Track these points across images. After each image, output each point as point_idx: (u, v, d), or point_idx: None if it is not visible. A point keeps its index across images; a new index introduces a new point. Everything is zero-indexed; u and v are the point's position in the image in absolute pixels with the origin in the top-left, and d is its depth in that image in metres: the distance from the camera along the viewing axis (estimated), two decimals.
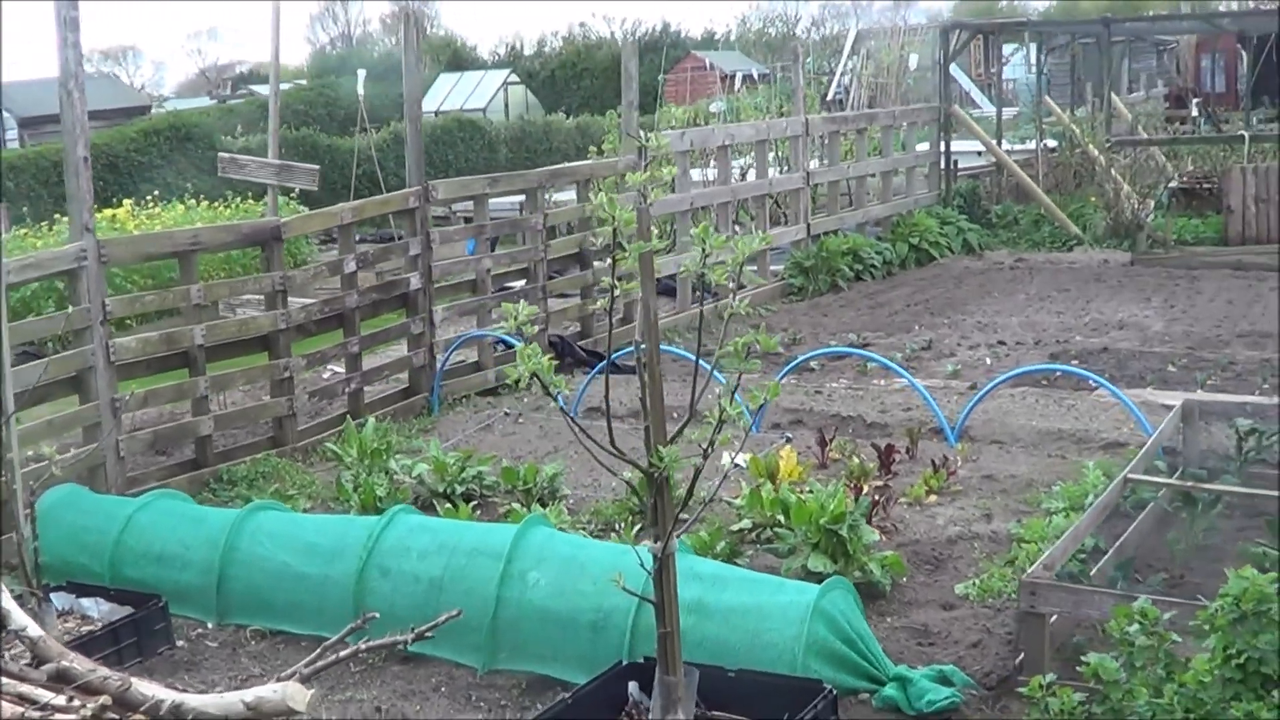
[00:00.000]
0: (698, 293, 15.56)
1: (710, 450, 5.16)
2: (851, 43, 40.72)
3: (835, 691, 5.60)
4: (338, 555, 7.18)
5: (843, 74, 39.29)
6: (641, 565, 5.35)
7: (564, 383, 5.12)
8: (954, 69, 39.12)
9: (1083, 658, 5.13)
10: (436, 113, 36.95)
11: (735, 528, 8.10)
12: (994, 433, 10.18)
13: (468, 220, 13.19)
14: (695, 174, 17.22)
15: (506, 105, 37.91)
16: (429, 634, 5.13)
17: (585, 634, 6.43)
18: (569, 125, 32.48)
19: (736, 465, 9.66)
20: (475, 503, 8.74)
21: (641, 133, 5.37)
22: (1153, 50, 37.43)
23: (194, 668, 6.88)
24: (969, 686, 6.09)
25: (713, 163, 17.13)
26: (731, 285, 5.26)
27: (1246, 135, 20.51)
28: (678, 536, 5.32)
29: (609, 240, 4.85)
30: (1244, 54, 38.15)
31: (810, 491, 7.83)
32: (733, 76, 36.23)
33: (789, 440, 10.19)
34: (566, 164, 14.82)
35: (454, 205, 18.26)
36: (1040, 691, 5.19)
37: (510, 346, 12.57)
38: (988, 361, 12.72)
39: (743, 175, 18.18)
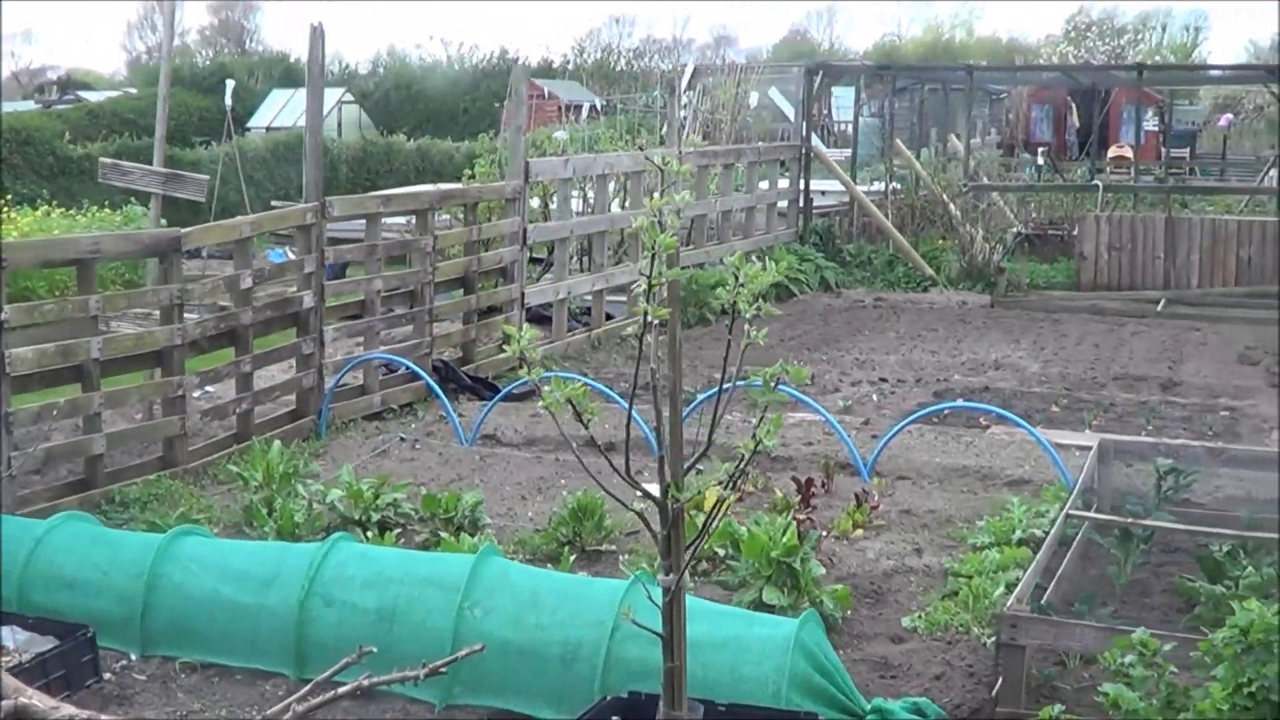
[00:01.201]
0: (584, 318, 15.46)
1: (735, 485, 5.01)
2: (688, 78, 41.00)
3: None
4: (275, 584, 6.86)
5: (684, 105, 39.48)
6: (649, 599, 5.22)
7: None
8: (789, 109, 39.72)
9: (1100, 688, 5.11)
10: (268, 129, 36.28)
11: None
12: (900, 468, 10.22)
13: (334, 241, 12.88)
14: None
15: (340, 125, 37.38)
16: (443, 669, 4.89)
17: (553, 667, 6.24)
18: (410, 147, 32.12)
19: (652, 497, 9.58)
20: (399, 531, 8.46)
21: (659, 158, 5.23)
22: (986, 99, 38.32)
23: (125, 702, 6.50)
24: (942, 719, 6.05)
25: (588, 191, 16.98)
26: (748, 315, 5.13)
27: (1100, 185, 21.08)
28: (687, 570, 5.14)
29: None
30: (1073, 106, 39.45)
31: (758, 525, 7.72)
32: (578, 106, 36.17)
33: (699, 473, 10.09)
34: (456, 186, 14.61)
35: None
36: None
37: (393, 370, 12.32)
38: (874, 398, 12.80)
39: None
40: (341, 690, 4.94)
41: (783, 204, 20.99)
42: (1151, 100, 41.08)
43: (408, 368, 11.74)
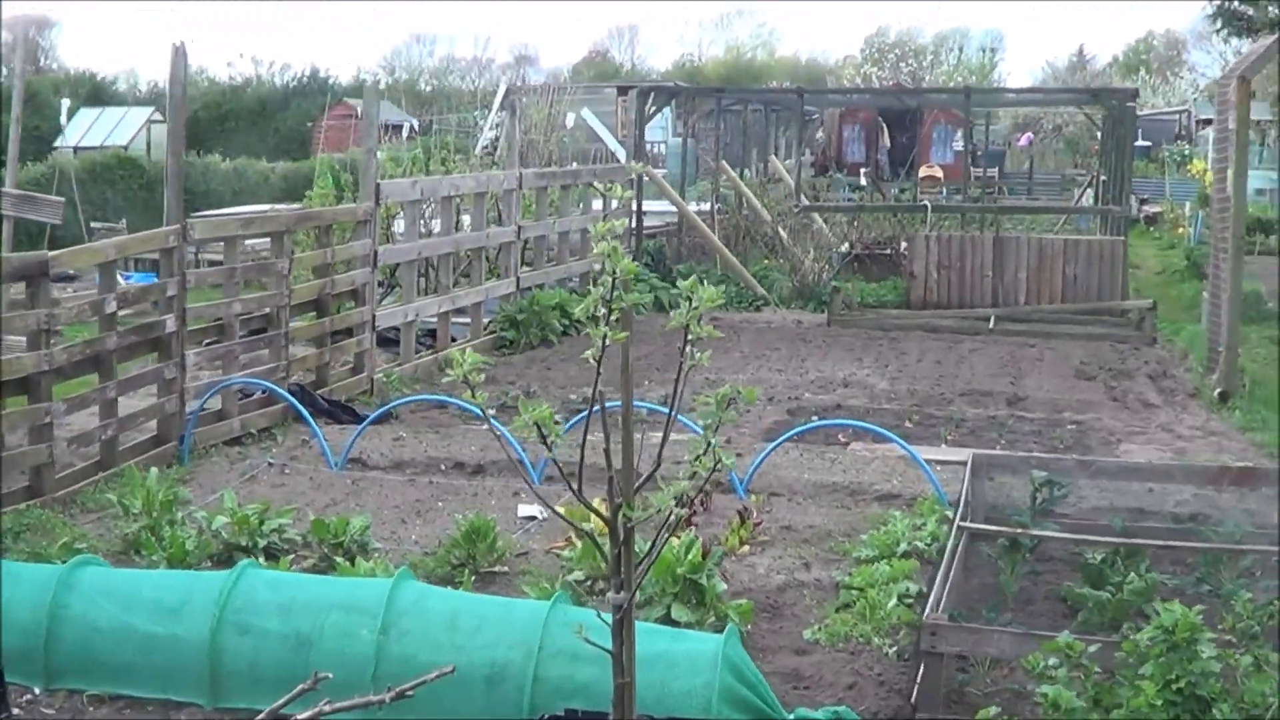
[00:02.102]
0: (426, 340, 15.41)
1: (692, 503, 5.10)
2: (501, 98, 41.11)
3: None
4: (185, 612, 6.75)
5: (492, 128, 39.61)
6: (599, 617, 5.28)
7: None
8: (600, 129, 40.06)
9: (1040, 690, 5.32)
10: (76, 149, 35.35)
11: (569, 579, 8.03)
12: (772, 485, 10.42)
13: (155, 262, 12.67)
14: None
15: (149, 144, 36.59)
16: (410, 693, 4.88)
17: (479, 689, 6.26)
18: (226, 167, 31.62)
19: (533, 518, 9.66)
20: (292, 557, 8.39)
21: (605, 185, 5.32)
22: (798, 119, 39.07)
23: None
24: None
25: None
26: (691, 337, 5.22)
27: (928, 205, 21.67)
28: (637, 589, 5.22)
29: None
30: (884, 126, 40.47)
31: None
32: (394, 126, 35.96)
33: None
34: (312, 209, 14.44)
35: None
36: None
37: (248, 394, 12.18)
38: (733, 415, 12.96)
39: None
40: (302, 717, 4.90)
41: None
42: (961, 121, 42.35)
43: (275, 393, 11.62)
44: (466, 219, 16.77)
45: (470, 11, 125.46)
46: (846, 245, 22.45)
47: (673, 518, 5.18)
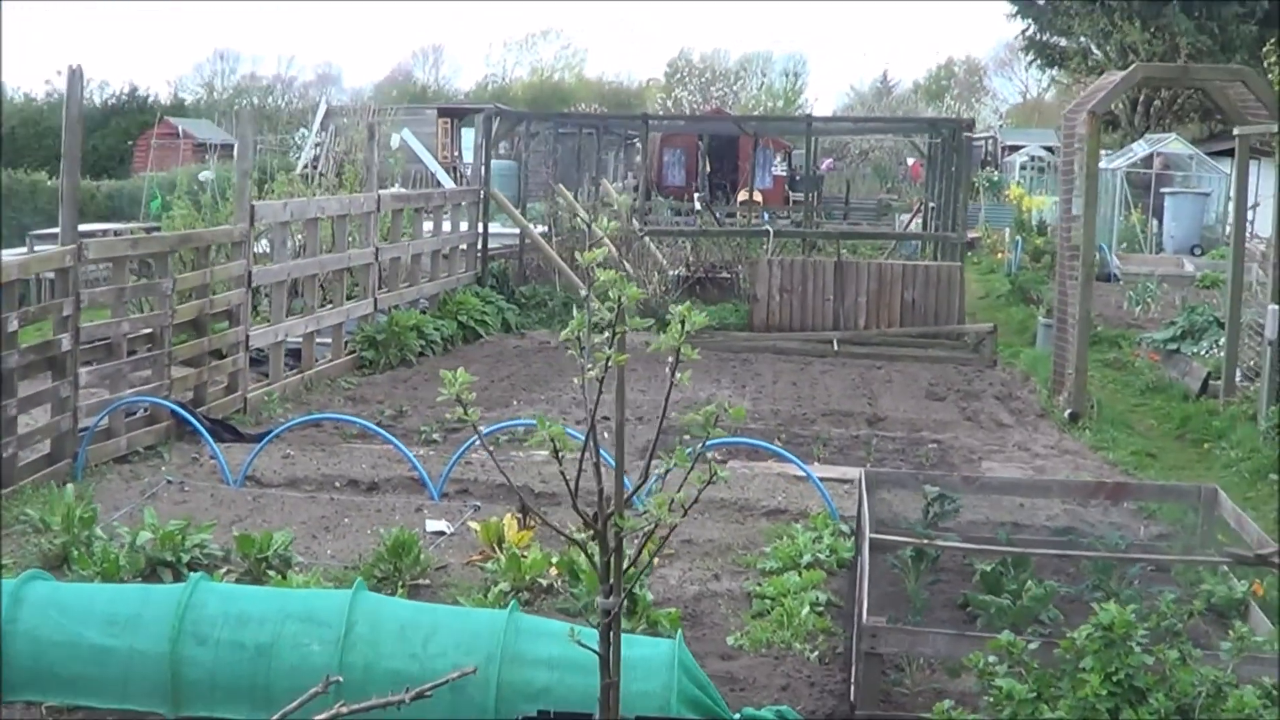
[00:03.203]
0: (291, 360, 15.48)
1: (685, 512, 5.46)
2: (321, 118, 41.09)
3: None
4: (141, 625, 6.87)
5: (313, 147, 39.57)
6: (589, 623, 5.60)
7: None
8: (420, 150, 40.19)
9: (994, 682, 5.78)
10: None
11: (495, 591, 8.31)
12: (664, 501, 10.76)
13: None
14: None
15: None
16: (429, 693, 5.15)
17: (444, 694, 6.47)
18: (51, 186, 31.05)
19: (441, 533, 9.91)
20: (224, 571, 8.53)
21: (594, 208, 5.65)
22: (621, 143, 39.64)
23: None
24: None
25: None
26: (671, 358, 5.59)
27: (770, 229, 22.29)
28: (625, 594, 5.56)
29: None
30: (703, 151, 41.21)
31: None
32: (218, 145, 35.66)
33: (478, 509, 10.49)
34: (192, 230, 14.41)
35: None
36: (943, 715, 5.81)
37: (131, 413, 12.19)
38: (606, 436, 13.30)
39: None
40: (320, 719, 5.14)
41: (465, 246, 21.40)
42: (780, 147, 43.38)
43: (177, 413, 11.69)
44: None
45: (275, 28, 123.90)
46: (683, 268, 23.01)
47: (663, 527, 5.50)
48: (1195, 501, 9.32)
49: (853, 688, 6.86)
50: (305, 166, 36.01)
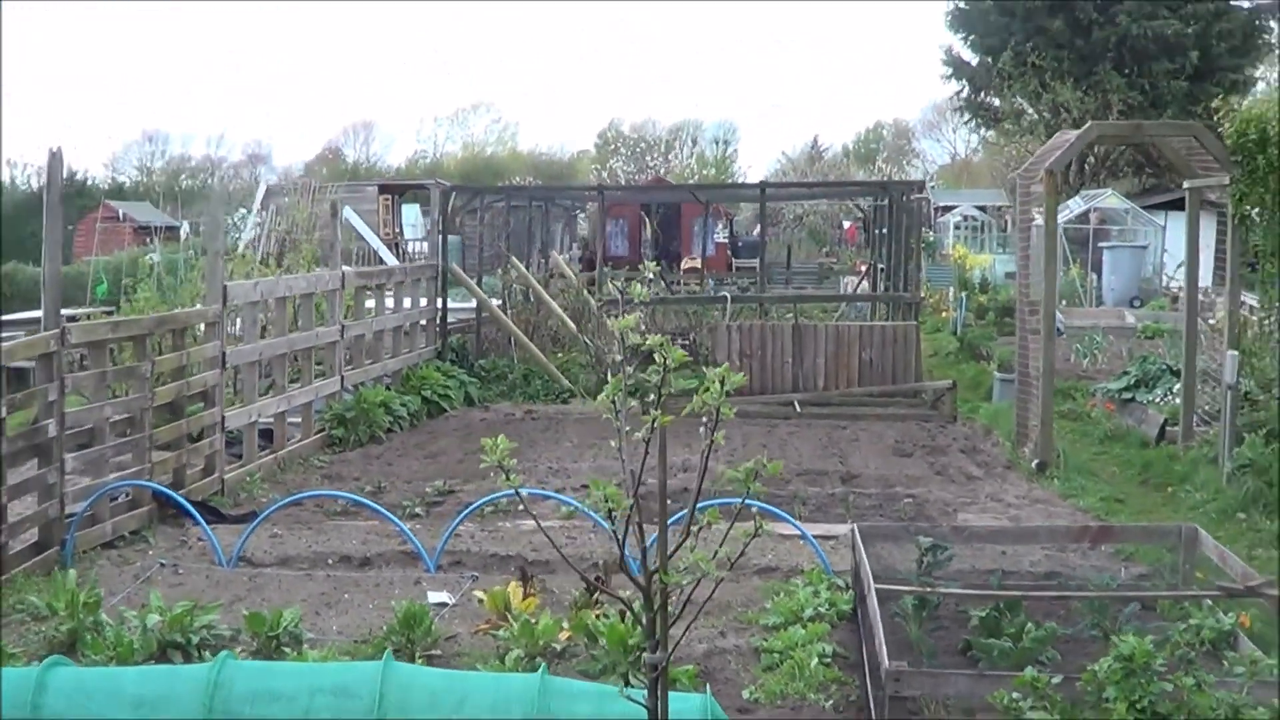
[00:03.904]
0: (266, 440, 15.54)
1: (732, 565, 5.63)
2: (261, 197, 41.22)
3: None
4: (171, 706, 6.94)
5: (254, 227, 39.68)
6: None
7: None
8: (362, 227, 40.37)
9: (1025, 716, 6.00)
10: None
11: (511, 657, 8.44)
12: (656, 562, 10.92)
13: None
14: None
15: None
16: None
17: None
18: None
19: (444, 604, 10.01)
20: (239, 649, 8.61)
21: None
22: (564, 214, 39.98)
23: None
24: None
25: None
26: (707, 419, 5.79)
27: (728, 295, 22.58)
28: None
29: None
30: (647, 220, 41.63)
31: (606, 618, 8.32)
32: (162, 227, 35.71)
33: (476, 579, 10.61)
34: (169, 312, 14.48)
35: None
36: None
37: (114, 498, 12.24)
38: (582, 506, 13.49)
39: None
40: None
41: (424, 321, 21.56)
42: (722, 215, 43.85)
43: (170, 497, 11.77)
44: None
45: (202, 108, 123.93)
46: (638, 337, 23.21)
47: (709, 580, 5.68)
48: (1176, 541, 9.62)
49: None
50: (247, 246, 36.07)
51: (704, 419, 5.55)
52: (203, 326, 14.00)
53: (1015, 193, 16.27)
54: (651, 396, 5.60)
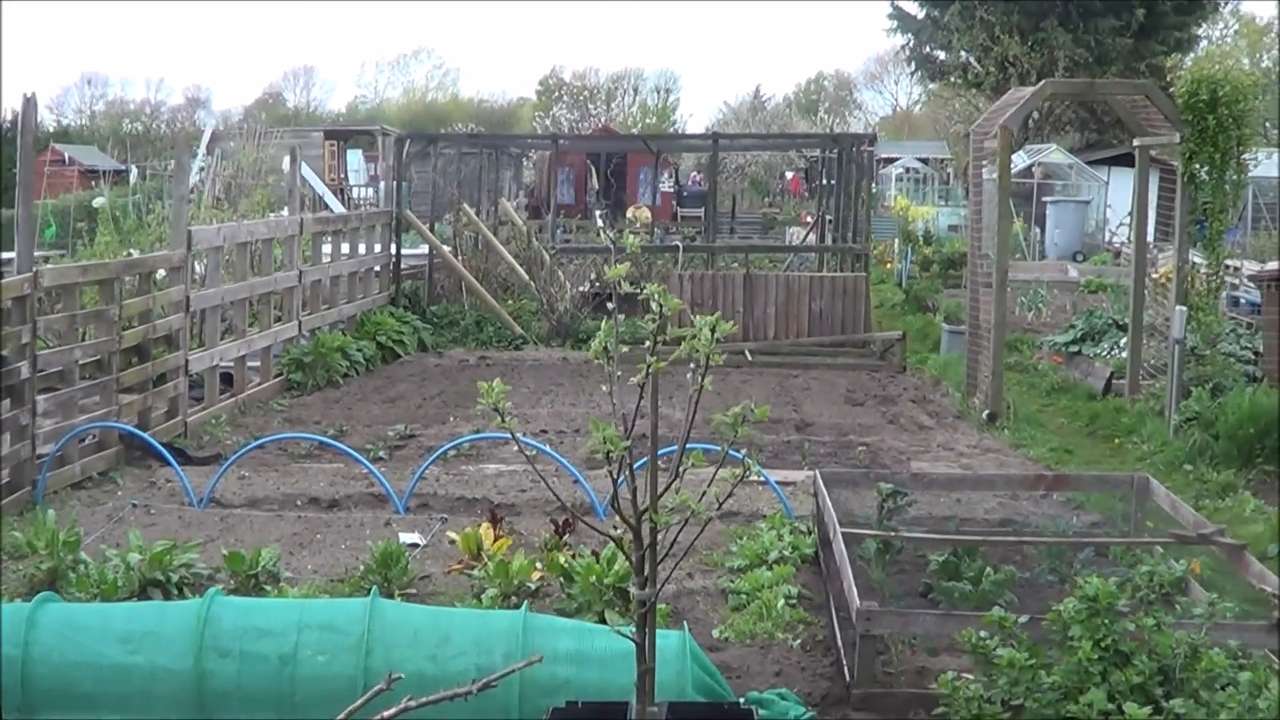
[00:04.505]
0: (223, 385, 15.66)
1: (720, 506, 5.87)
2: (207, 142, 40.99)
3: (757, 711, 6.43)
4: (161, 641, 7.10)
5: (198, 171, 39.47)
6: (631, 603, 5.98)
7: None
8: (308, 173, 40.26)
9: (995, 653, 6.29)
10: None
11: (487, 596, 8.66)
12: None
13: None
14: None
15: None
16: (495, 684, 5.50)
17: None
18: None
19: (415, 545, 10.22)
20: (220, 588, 8.76)
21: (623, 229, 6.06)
22: (510, 163, 39.97)
23: None
24: (800, 704, 7.10)
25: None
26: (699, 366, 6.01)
27: (680, 245, 22.78)
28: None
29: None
30: (593, 169, 41.71)
31: (580, 558, 8.56)
32: (110, 171, 35.46)
33: (445, 520, 10.82)
34: (138, 255, 14.53)
35: None
36: (948, 686, 6.32)
37: (82, 440, 12.35)
38: (547, 448, 13.72)
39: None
40: (388, 714, 5.47)
41: (378, 267, 21.66)
42: (667, 164, 43.99)
43: (143, 439, 11.90)
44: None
45: (142, 50, 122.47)
46: (587, 286, 23.47)
47: (702, 520, 5.92)
48: (1129, 490, 9.93)
49: (846, 669, 7.32)
50: (192, 190, 35.90)
51: (691, 368, 5.73)
52: (166, 270, 14.06)
53: (969, 147, 16.55)
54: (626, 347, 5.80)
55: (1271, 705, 5.62)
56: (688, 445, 6.55)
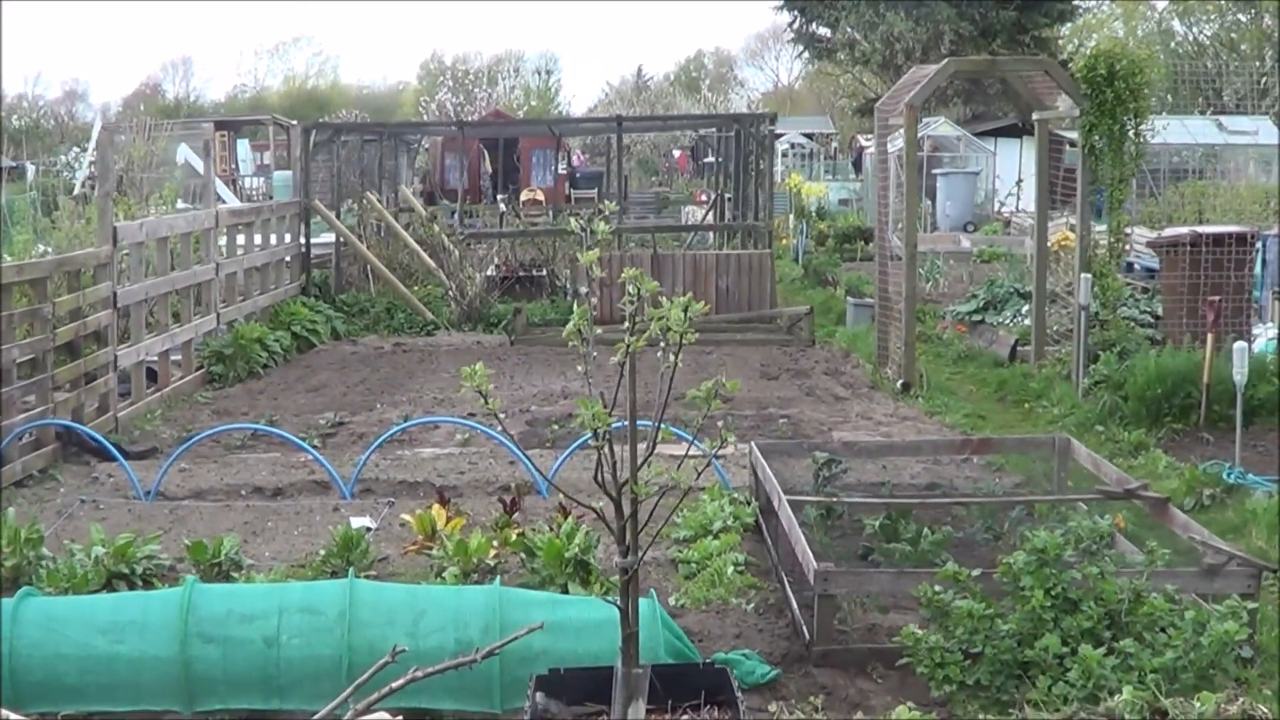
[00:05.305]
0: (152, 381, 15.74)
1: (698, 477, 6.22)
2: (96, 135, 40.61)
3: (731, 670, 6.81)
4: (147, 630, 7.29)
5: (89, 165, 39.19)
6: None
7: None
8: (200, 166, 40.08)
9: (954, 604, 6.72)
10: None
11: (449, 574, 8.95)
12: (561, 484, 11.50)
13: None
14: None
15: None
16: (498, 650, 5.81)
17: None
18: None
19: (368, 528, 10.48)
20: (193, 576, 8.97)
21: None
22: (405, 149, 40.01)
23: None
24: (764, 664, 7.50)
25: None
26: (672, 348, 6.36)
27: (583, 228, 23.03)
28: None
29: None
30: (485, 153, 41.83)
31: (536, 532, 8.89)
32: (13, 168, 35.03)
33: (392, 504, 11.09)
34: (66, 254, 14.57)
35: None
36: (911, 638, 6.74)
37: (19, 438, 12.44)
38: (476, 430, 14.01)
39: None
40: (396, 684, 5.76)
41: (289, 257, 21.76)
42: (561, 146, 44.22)
43: (91, 437, 12.03)
44: None
45: (17, 45, 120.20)
46: (492, 269, 23.77)
47: (679, 490, 6.27)
48: (1051, 451, 10.44)
49: (805, 628, 7.72)
50: (84, 185, 35.71)
51: (660, 347, 6.06)
52: (94, 267, 14.15)
53: (875, 124, 17.02)
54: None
55: (1214, 641, 6.09)
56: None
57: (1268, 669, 6.87)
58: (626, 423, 6.41)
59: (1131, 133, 14.42)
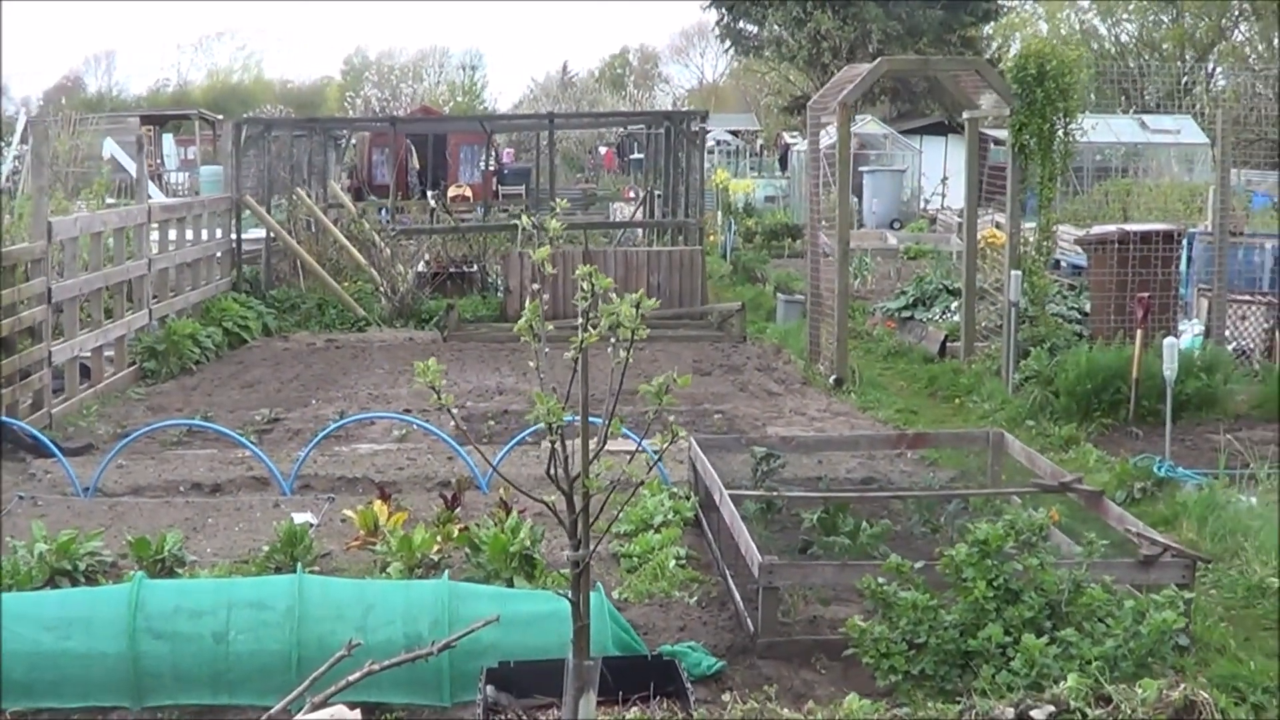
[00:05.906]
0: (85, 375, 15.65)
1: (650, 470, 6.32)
2: (22, 129, 40.13)
3: (680, 662, 6.92)
4: (95, 626, 7.30)
5: (13, 159, 38.68)
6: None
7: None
8: (127, 161, 39.73)
9: (899, 595, 6.86)
10: None
11: (393, 569, 9.01)
12: (498, 481, 11.57)
13: None
14: None
15: None
16: (455, 643, 5.88)
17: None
18: None
19: (310, 524, 10.50)
20: (137, 573, 8.97)
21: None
22: (333, 144, 39.81)
23: None
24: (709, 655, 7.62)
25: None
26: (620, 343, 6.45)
27: (519, 225, 23.07)
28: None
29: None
30: (413, 149, 41.71)
31: (478, 528, 8.96)
32: None
33: (332, 499, 11.12)
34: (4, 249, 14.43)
35: None
36: (856, 630, 6.88)
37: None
38: (413, 426, 14.04)
39: None
40: (353, 678, 5.84)
41: (219, 253, 21.66)
42: (483, 142, 44.17)
43: (30, 433, 11.96)
44: None
45: None
46: (423, 265, 23.77)
47: (629, 485, 6.35)
48: (985, 445, 10.63)
49: (748, 620, 7.84)
50: (7, 179, 35.26)
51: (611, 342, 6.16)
52: (29, 263, 14.05)
53: (806, 122, 17.18)
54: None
55: (1153, 630, 6.27)
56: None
57: (1203, 657, 7.07)
58: (578, 418, 6.44)
59: (1061, 132, 14.67)
